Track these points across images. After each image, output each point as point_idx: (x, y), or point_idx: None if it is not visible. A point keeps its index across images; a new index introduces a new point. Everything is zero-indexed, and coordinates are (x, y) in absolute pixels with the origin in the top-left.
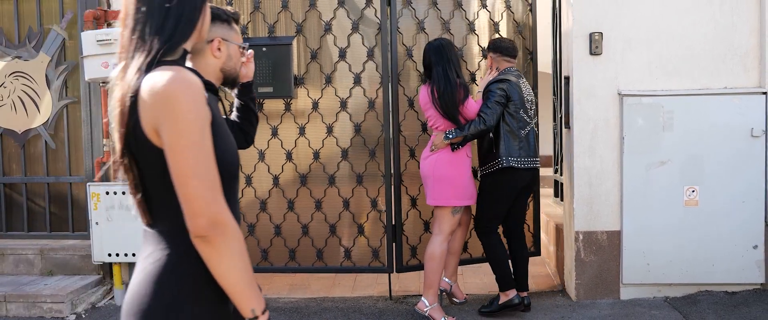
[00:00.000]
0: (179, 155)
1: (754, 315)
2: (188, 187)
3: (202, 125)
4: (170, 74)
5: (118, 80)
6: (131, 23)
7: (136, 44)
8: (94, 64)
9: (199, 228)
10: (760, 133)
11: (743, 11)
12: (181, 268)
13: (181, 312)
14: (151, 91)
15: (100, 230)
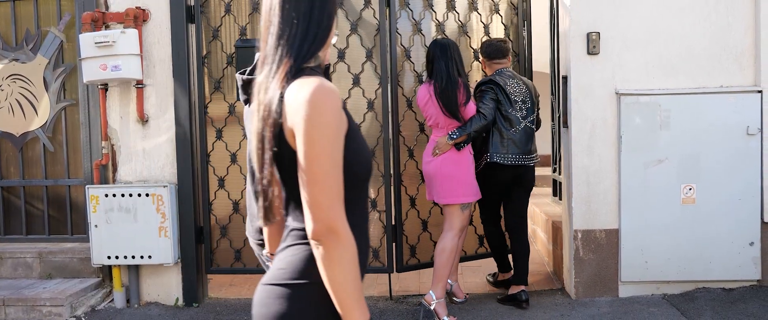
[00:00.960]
0: (308, 162)
1: (751, 311)
2: (311, 193)
3: (335, 134)
4: (314, 83)
5: (265, 85)
6: (277, 30)
7: (283, 50)
8: (92, 66)
9: (314, 232)
10: (756, 132)
11: (738, 11)
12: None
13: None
14: (295, 98)
15: (99, 233)
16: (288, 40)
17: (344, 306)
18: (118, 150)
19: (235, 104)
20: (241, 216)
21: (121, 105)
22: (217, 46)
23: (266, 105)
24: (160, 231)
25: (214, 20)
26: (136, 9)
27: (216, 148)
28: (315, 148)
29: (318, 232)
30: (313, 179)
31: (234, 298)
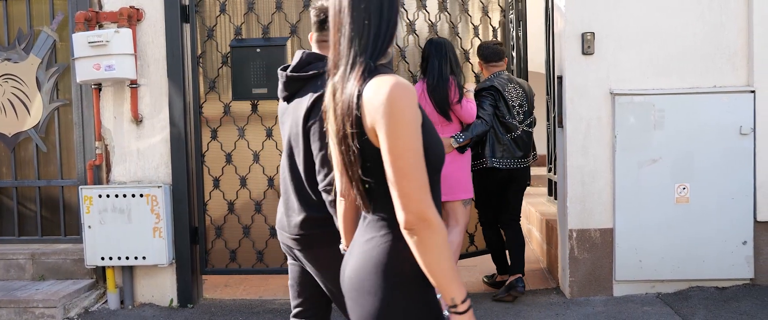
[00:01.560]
0: (395, 156)
1: (744, 309)
2: (400, 186)
3: (415, 128)
4: (391, 81)
5: (341, 84)
6: (349, 31)
7: (357, 50)
8: (86, 65)
9: (407, 222)
10: (749, 131)
11: (731, 11)
12: (401, 253)
13: (404, 291)
14: (375, 95)
15: (93, 234)
16: (361, 40)
17: (443, 285)
18: (112, 150)
19: (230, 104)
20: (236, 217)
21: (115, 105)
22: (212, 46)
23: (345, 104)
24: (154, 231)
25: (209, 20)
26: (130, 8)
27: (211, 148)
28: (400, 142)
29: (411, 222)
30: (401, 173)
31: (229, 299)
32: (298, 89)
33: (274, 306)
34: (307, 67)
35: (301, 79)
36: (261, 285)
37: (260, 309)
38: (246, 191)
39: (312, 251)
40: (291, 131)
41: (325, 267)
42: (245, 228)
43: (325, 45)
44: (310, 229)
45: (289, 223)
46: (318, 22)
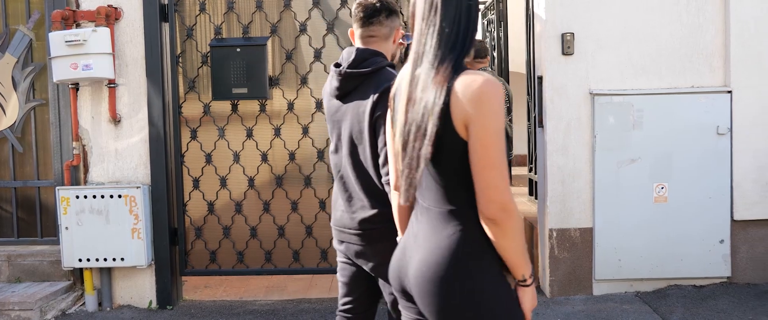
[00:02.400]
0: (485, 149)
1: (721, 307)
2: (487, 177)
3: (503, 123)
4: (483, 78)
5: (425, 81)
6: (438, 29)
7: (447, 48)
8: (63, 65)
9: (492, 212)
10: (726, 131)
11: (709, 12)
12: (475, 242)
13: (481, 279)
14: (469, 90)
15: (70, 235)
16: (450, 39)
17: (518, 265)
18: (90, 150)
19: (209, 104)
20: (216, 218)
21: (93, 105)
22: (191, 46)
23: (432, 96)
24: (132, 232)
25: (188, 19)
26: (108, 7)
27: (190, 149)
28: (491, 136)
29: (495, 212)
30: (490, 164)
31: (209, 300)
32: (357, 86)
33: (255, 307)
34: (363, 63)
35: (361, 75)
36: (241, 286)
37: (241, 310)
38: (226, 192)
39: (377, 245)
40: (353, 128)
41: (386, 261)
42: (225, 229)
43: (371, 40)
44: (379, 224)
45: (352, 219)
46: (363, 18)
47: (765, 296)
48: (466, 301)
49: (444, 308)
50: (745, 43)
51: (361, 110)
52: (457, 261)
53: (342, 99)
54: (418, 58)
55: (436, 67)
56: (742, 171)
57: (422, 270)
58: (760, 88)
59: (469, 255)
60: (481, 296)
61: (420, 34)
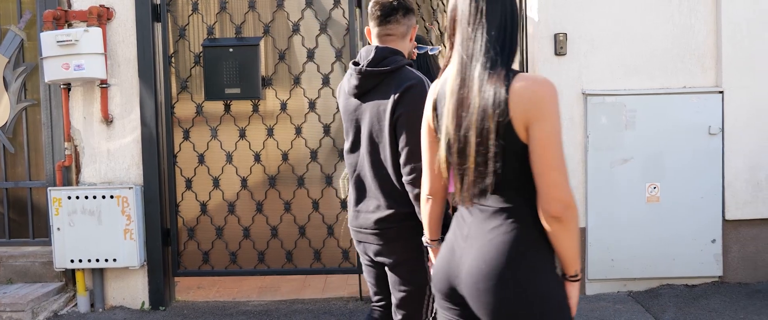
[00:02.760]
0: (548, 149)
1: (713, 307)
2: (550, 176)
3: (560, 124)
4: (544, 79)
5: (479, 82)
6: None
7: (497, 49)
8: (55, 65)
9: (555, 210)
10: (717, 131)
11: (701, 13)
12: (532, 239)
13: (538, 275)
14: (529, 90)
15: (62, 236)
16: (499, 40)
17: (572, 261)
18: (82, 151)
19: (202, 104)
20: (209, 218)
21: (85, 105)
22: (184, 46)
23: (490, 98)
24: (125, 233)
25: (181, 19)
26: (100, 7)
27: (183, 149)
28: (554, 135)
29: (558, 210)
30: (553, 163)
31: (202, 301)
32: (376, 84)
33: (248, 308)
34: (382, 61)
35: (381, 73)
36: (234, 287)
37: (234, 310)
38: (219, 192)
39: (394, 244)
40: (372, 127)
41: (403, 261)
42: (218, 230)
43: (388, 38)
44: (395, 223)
45: (369, 219)
46: (381, 17)
47: (756, 295)
48: (523, 298)
49: (501, 305)
50: (736, 43)
51: (381, 109)
52: (516, 258)
53: (361, 97)
54: (465, 61)
55: (490, 69)
56: (733, 171)
57: (480, 268)
58: (752, 88)
59: (526, 252)
60: (537, 292)
61: (466, 38)
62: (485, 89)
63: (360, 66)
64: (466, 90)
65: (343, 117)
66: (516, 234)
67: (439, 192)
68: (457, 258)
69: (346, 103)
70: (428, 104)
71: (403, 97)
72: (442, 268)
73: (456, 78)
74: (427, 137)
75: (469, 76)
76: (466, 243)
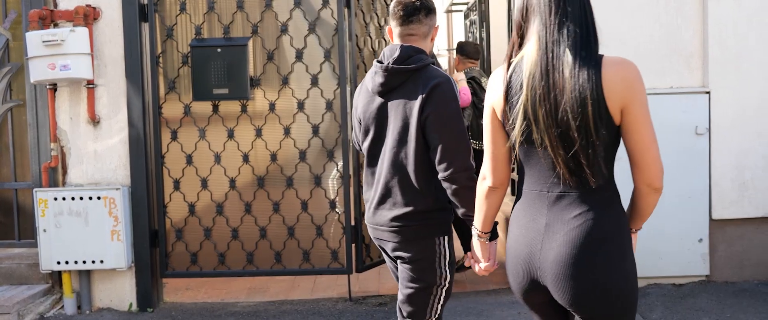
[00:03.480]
0: (646, 125)
1: (700, 305)
2: (651, 152)
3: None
4: (628, 61)
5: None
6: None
7: (585, 36)
8: (40, 65)
9: (659, 182)
10: (704, 131)
11: (687, 13)
12: (618, 221)
13: (626, 254)
14: (622, 74)
15: (48, 237)
16: (583, 25)
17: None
18: (68, 152)
19: (190, 105)
20: (198, 219)
21: (71, 105)
22: (172, 46)
23: (587, 84)
24: (112, 234)
25: (168, 19)
26: (87, 7)
27: (171, 150)
28: (647, 112)
29: (659, 181)
30: (653, 138)
31: (190, 302)
32: (402, 82)
33: (236, 309)
34: (408, 59)
35: (407, 71)
36: (223, 288)
37: (222, 312)
38: (207, 193)
39: (412, 242)
40: (397, 125)
41: (417, 258)
42: (207, 231)
43: (411, 38)
44: (414, 221)
45: (386, 217)
46: (403, 16)
47: (743, 294)
48: (612, 280)
49: (592, 289)
50: (722, 44)
51: (407, 108)
52: (605, 242)
53: (385, 95)
54: (550, 48)
55: (579, 53)
56: (720, 170)
57: (571, 255)
58: (738, 88)
59: (614, 235)
60: (623, 273)
61: (548, 25)
62: (579, 75)
63: (385, 63)
64: (558, 76)
65: (361, 115)
66: (603, 218)
67: (504, 183)
68: (537, 250)
69: (368, 101)
70: (496, 95)
71: (430, 95)
72: (521, 262)
73: (539, 65)
74: (492, 128)
75: (559, 63)
76: (546, 232)
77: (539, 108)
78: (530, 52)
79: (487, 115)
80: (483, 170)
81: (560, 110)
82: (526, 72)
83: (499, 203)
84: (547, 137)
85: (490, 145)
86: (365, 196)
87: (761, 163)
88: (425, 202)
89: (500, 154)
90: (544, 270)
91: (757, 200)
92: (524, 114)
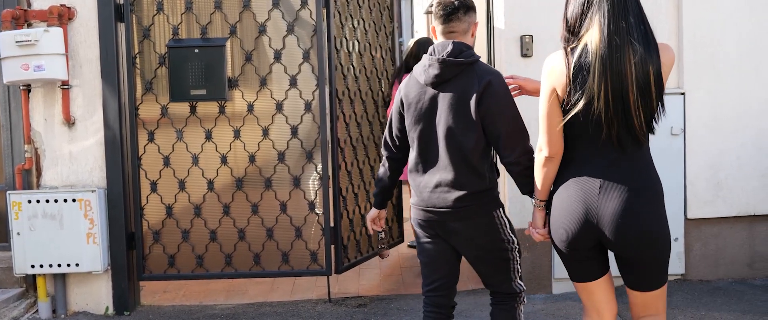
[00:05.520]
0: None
1: (675, 303)
2: None
3: None
4: (669, 46)
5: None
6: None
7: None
8: (14, 66)
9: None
10: (679, 132)
11: (663, 15)
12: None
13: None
14: (669, 55)
15: (22, 241)
16: (640, 16)
17: None
18: (43, 153)
19: (167, 106)
20: (175, 221)
21: (46, 106)
22: (148, 46)
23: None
24: (88, 237)
25: (145, 19)
26: (61, 6)
27: (148, 151)
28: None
29: None
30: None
31: (168, 305)
32: (455, 75)
33: (215, 312)
34: (460, 54)
35: (462, 64)
36: (201, 291)
37: (200, 314)
38: (185, 194)
39: (473, 219)
40: (451, 114)
41: (485, 232)
42: (184, 233)
43: (452, 35)
44: (472, 201)
45: (445, 199)
46: (443, 16)
47: (717, 292)
48: (663, 226)
49: (652, 235)
50: (697, 45)
51: (464, 100)
52: (655, 196)
53: (438, 86)
54: (611, 35)
55: (647, 39)
56: (695, 171)
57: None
58: (713, 90)
59: (660, 190)
60: (665, 221)
61: (611, 17)
62: (647, 57)
63: (440, 55)
64: (623, 60)
65: (409, 107)
66: (648, 175)
67: (559, 153)
68: (594, 207)
69: (420, 92)
70: (558, 77)
71: (487, 89)
72: (576, 219)
73: (605, 51)
74: (550, 105)
75: (623, 49)
76: (602, 190)
77: (603, 88)
78: (593, 39)
79: (546, 94)
80: (539, 142)
81: (624, 89)
82: (592, 57)
83: (555, 172)
84: (606, 112)
85: (547, 120)
86: (415, 182)
87: (736, 163)
88: (483, 183)
89: (556, 128)
90: (604, 223)
91: (731, 200)
92: (589, 93)
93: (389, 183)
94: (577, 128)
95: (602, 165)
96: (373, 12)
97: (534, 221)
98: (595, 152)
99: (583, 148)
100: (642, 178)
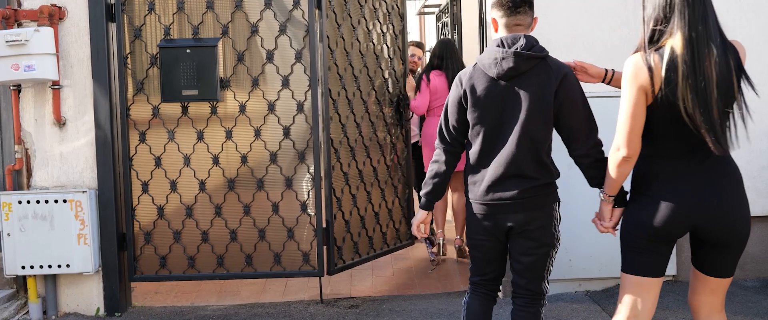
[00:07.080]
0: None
1: (667, 304)
2: None
3: None
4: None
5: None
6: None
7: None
8: (4, 66)
9: None
10: None
11: None
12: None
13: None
14: (744, 52)
15: (13, 242)
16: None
17: None
18: (33, 154)
19: (159, 106)
20: (167, 222)
21: (36, 107)
22: (140, 46)
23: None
24: (79, 238)
25: (137, 19)
26: (52, 6)
27: (139, 152)
28: None
29: None
30: None
31: (160, 306)
32: (529, 68)
33: (207, 313)
34: (533, 48)
35: (536, 57)
36: (193, 292)
37: (192, 316)
38: (176, 195)
39: (536, 211)
40: (525, 107)
41: (541, 225)
42: (176, 234)
43: (517, 28)
44: (539, 192)
45: (514, 190)
46: (511, 8)
47: None
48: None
49: (745, 224)
50: None
51: (538, 92)
52: (743, 190)
53: (510, 79)
54: (695, 39)
55: (723, 40)
56: None
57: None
58: None
59: (740, 177)
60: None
61: (693, 20)
62: (723, 61)
63: (515, 48)
64: (706, 62)
65: (477, 100)
66: (733, 164)
67: (637, 153)
68: (693, 201)
69: (490, 85)
70: (645, 78)
71: (563, 83)
72: (677, 218)
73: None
74: (636, 106)
75: (705, 51)
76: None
77: (688, 89)
78: (678, 42)
79: (633, 95)
80: (617, 142)
81: (709, 90)
82: (679, 60)
83: (629, 171)
84: (697, 112)
85: (630, 120)
86: (479, 175)
87: None
88: (550, 175)
89: (638, 129)
90: (708, 216)
91: None
92: (678, 94)
93: (444, 179)
94: (671, 127)
95: (697, 162)
96: (377, 12)
97: (601, 214)
98: (688, 150)
99: (673, 147)
100: (730, 167)
